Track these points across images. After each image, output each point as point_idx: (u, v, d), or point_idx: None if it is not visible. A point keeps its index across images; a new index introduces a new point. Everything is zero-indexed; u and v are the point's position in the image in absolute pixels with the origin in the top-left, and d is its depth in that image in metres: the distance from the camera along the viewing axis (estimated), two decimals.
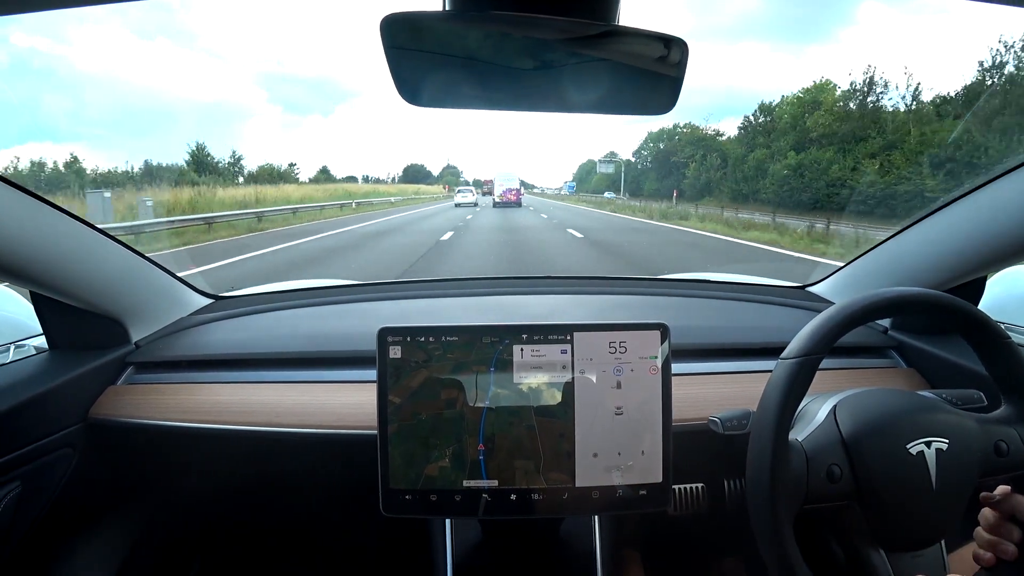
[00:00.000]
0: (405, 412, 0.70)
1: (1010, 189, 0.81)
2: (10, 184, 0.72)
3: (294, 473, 1.06)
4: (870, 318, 0.64)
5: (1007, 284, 1.20)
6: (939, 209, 0.93)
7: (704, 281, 1.38)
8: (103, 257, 0.91)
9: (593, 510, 0.73)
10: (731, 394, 0.90)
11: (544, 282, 1.39)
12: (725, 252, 9.43)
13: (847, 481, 0.62)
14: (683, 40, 0.57)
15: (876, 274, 1.10)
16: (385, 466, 0.70)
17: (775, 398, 0.61)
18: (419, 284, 1.36)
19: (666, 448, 0.71)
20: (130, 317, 0.99)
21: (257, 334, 1.10)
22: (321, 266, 7.62)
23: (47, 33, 52.38)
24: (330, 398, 0.90)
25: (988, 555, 0.63)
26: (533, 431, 0.70)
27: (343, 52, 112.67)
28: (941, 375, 0.95)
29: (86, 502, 0.95)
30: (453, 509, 0.71)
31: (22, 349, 0.99)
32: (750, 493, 0.61)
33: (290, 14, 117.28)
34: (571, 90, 0.62)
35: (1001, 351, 0.64)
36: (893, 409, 0.64)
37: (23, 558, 0.84)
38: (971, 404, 0.70)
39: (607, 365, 0.71)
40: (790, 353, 0.62)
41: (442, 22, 0.56)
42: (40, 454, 0.82)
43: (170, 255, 7.88)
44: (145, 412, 0.89)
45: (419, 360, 0.70)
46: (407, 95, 0.60)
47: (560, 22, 0.54)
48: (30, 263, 0.77)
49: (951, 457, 0.61)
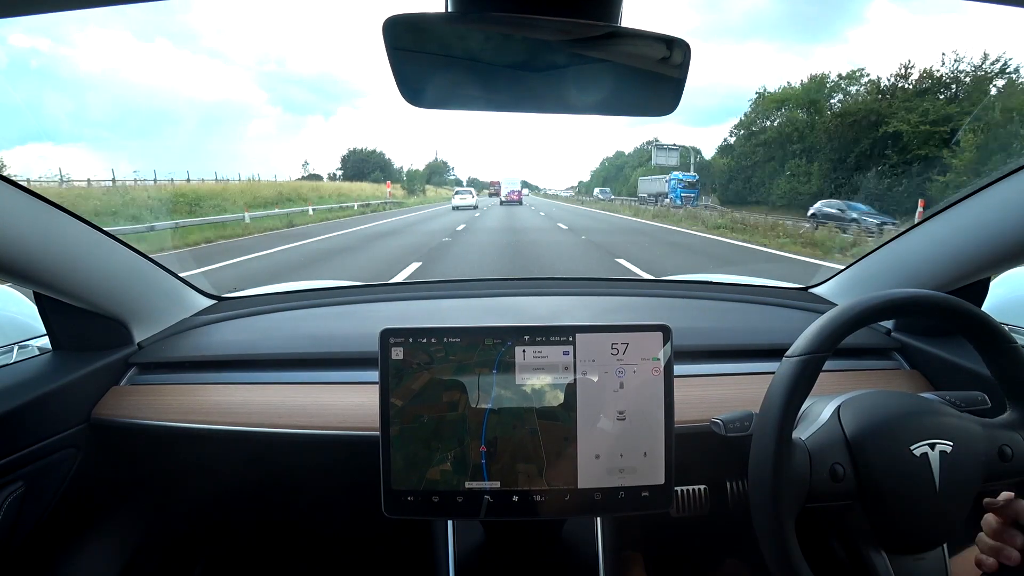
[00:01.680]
0: (407, 415, 0.70)
1: (1014, 190, 0.80)
2: (14, 185, 0.72)
3: (297, 474, 1.06)
4: (875, 319, 0.64)
5: (1010, 286, 1.20)
6: (942, 211, 0.93)
7: (706, 282, 1.38)
8: (106, 258, 0.92)
9: (595, 512, 0.73)
10: (733, 396, 0.90)
11: (546, 283, 1.39)
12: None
13: (850, 481, 0.62)
14: (685, 41, 0.57)
15: (879, 276, 1.10)
16: (387, 468, 0.70)
17: (779, 395, 0.61)
18: (421, 285, 1.36)
19: (668, 450, 0.71)
20: (133, 318, 0.99)
21: (260, 335, 1.10)
22: None
23: (48, 34, 52.55)
24: (333, 399, 0.90)
25: (991, 560, 0.63)
26: (536, 434, 0.70)
27: (343, 52, 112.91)
28: (944, 377, 0.94)
29: (89, 502, 0.95)
30: (455, 510, 0.71)
31: (26, 350, 1.00)
32: (752, 489, 0.61)
33: (290, 15, 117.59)
34: (573, 91, 0.62)
35: (1006, 355, 0.64)
36: (898, 410, 0.64)
37: (27, 558, 0.84)
38: (975, 406, 0.69)
39: (609, 366, 0.70)
40: (795, 351, 0.62)
41: (444, 23, 0.56)
42: (44, 454, 0.82)
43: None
44: (148, 413, 0.90)
45: (421, 362, 0.70)
46: (409, 96, 0.60)
47: (562, 23, 0.54)
48: (34, 264, 0.77)
49: (955, 460, 0.61)
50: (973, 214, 0.88)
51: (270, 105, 79.29)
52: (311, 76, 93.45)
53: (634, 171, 43.23)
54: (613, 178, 52.71)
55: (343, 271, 7.17)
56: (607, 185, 50.07)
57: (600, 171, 60.29)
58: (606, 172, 56.73)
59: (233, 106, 69.49)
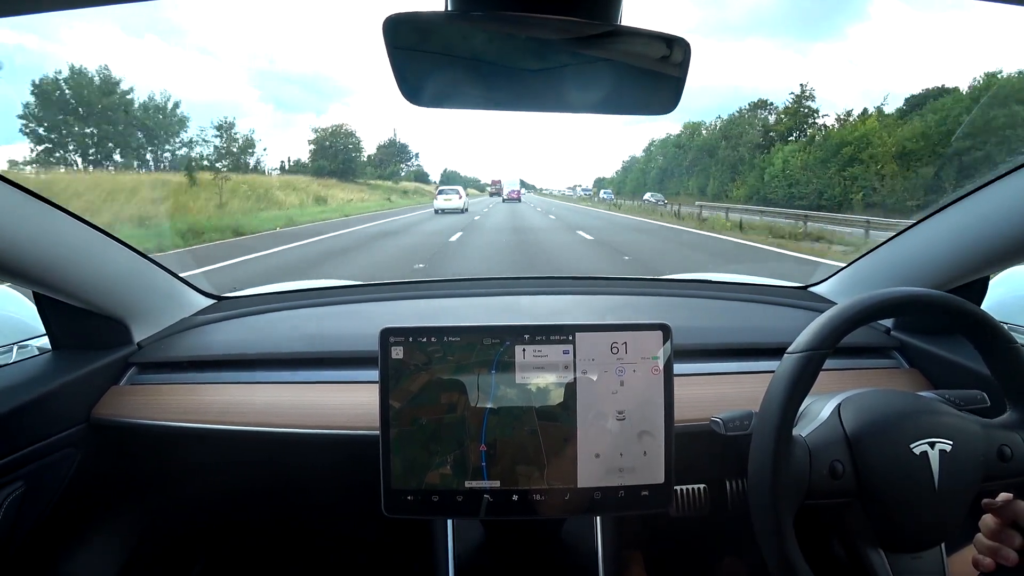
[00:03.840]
0: (405, 417, 0.70)
1: (1013, 189, 0.81)
2: (13, 184, 0.72)
3: (296, 473, 1.06)
4: (875, 317, 0.64)
5: (1010, 284, 1.20)
6: (942, 209, 0.93)
7: (706, 281, 1.38)
8: (106, 258, 0.92)
9: (595, 511, 0.73)
10: (733, 395, 0.90)
11: (546, 282, 1.39)
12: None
13: (849, 478, 0.62)
14: (685, 40, 0.57)
15: (878, 274, 1.10)
16: (387, 468, 0.70)
17: (780, 391, 0.61)
18: (421, 285, 1.36)
19: (668, 449, 0.71)
20: (133, 317, 0.99)
21: (259, 334, 1.10)
22: None
23: (35, 31, 51.71)
24: (333, 398, 0.90)
25: (988, 561, 0.63)
26: (535, 434, 0.70)
27: (336, 50, 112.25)
28: (943, 375, 0.94)
29: (89, 502, 0.95)
30: (455, 510, 0.71)
31: (25, 349, 1.00)
32: (752, 485, 0.61)
33: (283, 11, 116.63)
34: (573, 90, 0.62)
35: (1006, 355, 0.64)
36: (898, 409, 0.64)
37: (27, 557, 0.84)
38: (974, 405, 0.70)
39: (609, 366, 0.70)
40: (796, 348, 0.63)
41: (444, 22, 0.56)
42: (43, 454, 0.82)
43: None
44: (148, 412, 0.90)
45: (419, 363, 0.70)
46: (409, 95, 0.60)
47: (562, 22, 0.54)
48: (33, 264, 0.77)
49: (954, 459, 0.61)
50: (972, 213, 0.88)
51: (261, 103, 78.72)
52: (303, 74, 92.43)
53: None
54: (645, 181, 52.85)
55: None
56: (610, 189, 51.53)
57: (625, 175, 57.31)
58: (632, 176, 54.83)
59: (225, 105, 68.75)
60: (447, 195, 20.43)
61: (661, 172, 40.65)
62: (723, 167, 31.18)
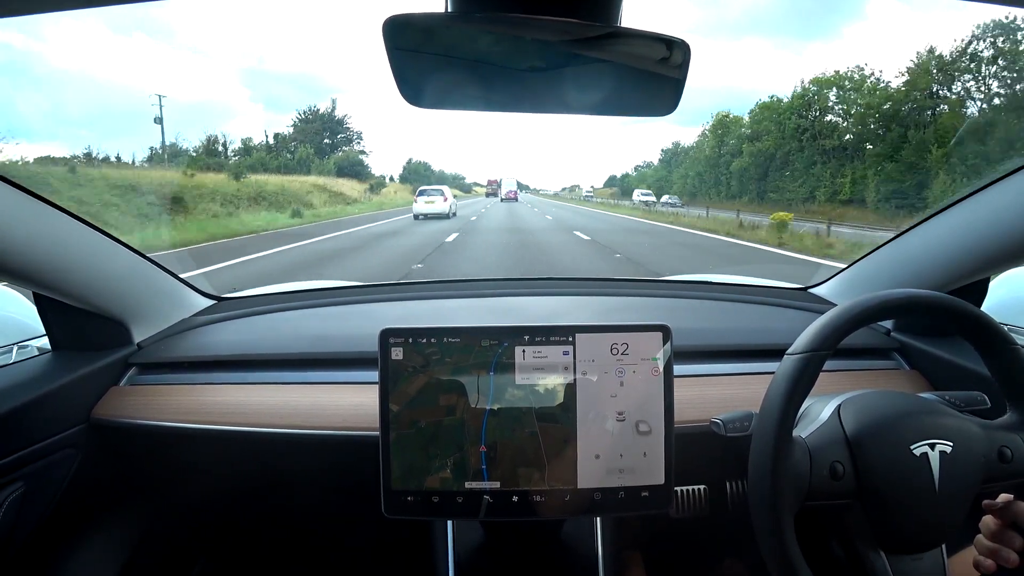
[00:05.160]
0: (403, 420, 0.70)
1: (1013, 191, 0.81)
2: (12, 185, 0.72)
3: (296, 474, 1.06)
4: (876, 318, 0.64)
5: (1010, 286, 1.20)
6: (942, 211, 0.93)
7: (706, 283, 1.38)
8: (106, 258, 0.92)
9: (595, 512, 0.73)
10: (733, 396, 0.90)
11: (546, 283, 1.39)
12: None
13: (849, 479, 0.62)
14: (685, 42, 0.57)
15: (878, 276, 1.10)
16: (387, 470, 0.70)
17: (781, 392, 0.61)
18: (421, 286, 1.36)
19: (668, 450, 0.71)
20: (132, 318, 0.99)
21: (259, 335, 1.10)
22: None
23: (21, 29, 51.21)
24: (332, 399, 0.90)
25: (989, 562, 0.63)
26: (535, 436, 0.70)
27: (327, 49, 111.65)
28: (944, 377, 0.94)
29: (89, 502, 0.95)
30: (455, 511, 0.71)
31: (25, 350, 1.00)
32: (752, 486, 0.61)
33: (273, 10, 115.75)
34: (573, 91, 0.62)
35: (1006, 356, 0.64)
36: (898, 410, 0.64)
37: (26, 558, 0.84)
38: (974, 406, 0.70)
39: (609, 367, 0.70)
40: (797, 348, 0.63)
41: (444, 23, 0.56)
42: (43, 455, 0.82)
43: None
44: (147, 413, 0.90)
45: (417, 365, 0.70)
46: (409, 96, 0.60)
47: (562, 23, 0.54)
48: (33, 264, 0.77)
49: (954, 460, 0.61)
50: (973, 214, 0.88)
51: (251, 102, 78.28)
52: (293, 73, 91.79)
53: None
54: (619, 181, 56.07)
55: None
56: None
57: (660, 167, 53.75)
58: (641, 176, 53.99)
59: (215, 104, 68.29)
60: (429, 196, 17.36)
61: (741, 171, 29.93)
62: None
